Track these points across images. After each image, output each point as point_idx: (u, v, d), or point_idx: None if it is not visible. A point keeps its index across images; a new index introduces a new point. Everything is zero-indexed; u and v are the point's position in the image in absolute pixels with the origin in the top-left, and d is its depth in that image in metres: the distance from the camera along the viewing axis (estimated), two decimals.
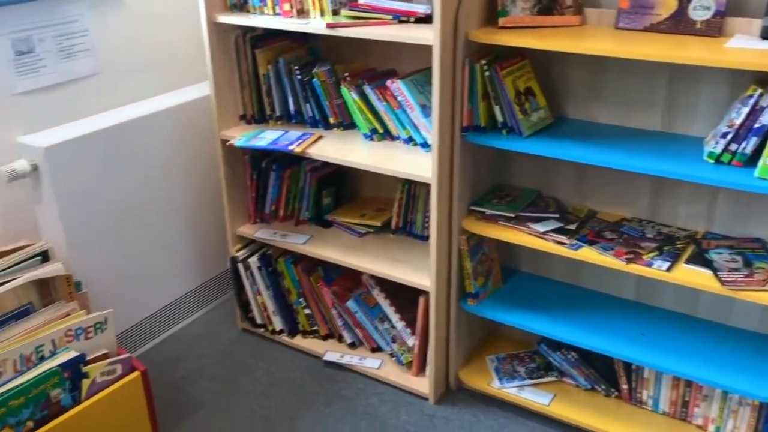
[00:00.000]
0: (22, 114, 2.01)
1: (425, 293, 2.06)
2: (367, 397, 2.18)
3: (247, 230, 2.35)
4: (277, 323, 2.40)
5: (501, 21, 1.79)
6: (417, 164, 1.93)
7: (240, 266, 2.35)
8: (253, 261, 2.32)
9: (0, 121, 1.96)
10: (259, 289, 2.36)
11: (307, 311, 2.36)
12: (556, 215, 1.93)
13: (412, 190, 2.20)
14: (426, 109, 1.95)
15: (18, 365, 1.75)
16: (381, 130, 2.11)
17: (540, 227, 1.87)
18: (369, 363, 2.27)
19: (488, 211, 1.97)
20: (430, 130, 1.91)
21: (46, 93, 2.06)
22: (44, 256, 1.94)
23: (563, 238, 1.82)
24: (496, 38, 1.73)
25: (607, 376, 2.07)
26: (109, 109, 2.24)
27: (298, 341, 2.40)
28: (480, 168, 2.02)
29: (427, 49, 2.12)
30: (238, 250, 2.36)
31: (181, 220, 2.44)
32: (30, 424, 1.73)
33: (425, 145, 2.01)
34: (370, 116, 2.09)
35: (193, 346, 2.42)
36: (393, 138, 2.11)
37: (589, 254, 1.79)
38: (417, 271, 2.06)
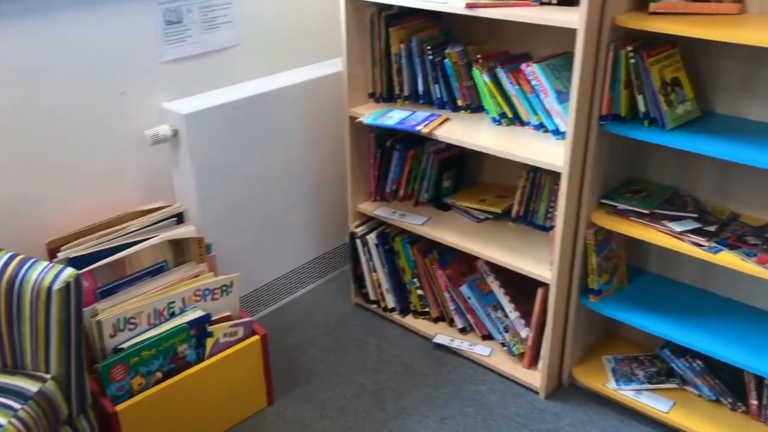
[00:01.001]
0: (167, 81, 2.11)
1: (544, 285, 2.01)
2: (475, 383, 2.16)
3: (367, 207, 2.37)
4: (390, 301, 2.42)
5: (652, 6, 1.69)
6: (547, 152, 1.87)
7: (358, 242, 2.38)
8: (371, 238, 2.34)
9: (148, 87, 2.07)
10: (375, 266, 2.38)
11: (419, 292, 2.37)
12: (695, 215, 1.82)
13: (538, 178, 2.14)
14: (561, 95, 1.89)
15: (151, 319, 1.86)
16: (510, 115, 2.06)
17: (677, 226, 1.77)
18: (479, 350, 2.24)
19: (620, 206, 1.88)
20: (565, 116, 1.85)
21: (190, 62, 2.15)
22: (179, 218, 2.04)
23: (701, 240, 1.72)
24: (647, 24, 1.64)
25: (735, 388, 1.94)
26: (246, 80, 2.32)
27: (409, 321, 2.41)
28: (614, 159, 1.93)
29: (564, 33, 2.05)
30: (357, 226, 2.39)
31: (305, 193, 2.50)
32: (158, 375, 1.84)
33: (557, 132, 1.94)
34: (500, 100, 2.04)
35: (308, 315, 2.48)
36: (522, 123, 2.06)
37: (729, 259, 1.67)
38: (537, 263, 2.01)
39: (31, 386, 1.46)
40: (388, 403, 2.09)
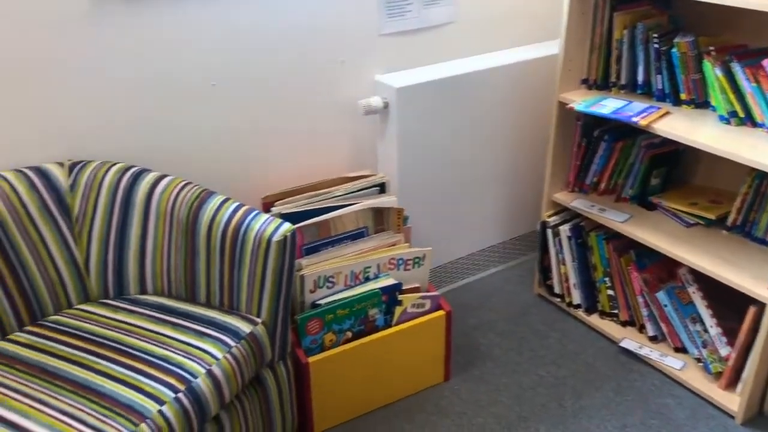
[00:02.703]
0: (383, 54, 2.17)
1: (758, 304, 1.83)
2: (662, 396, 2.04)
3: (564, 197, 2.30)
4: (576, 297, 2.34)
5: None
6: None
7: (549, 232, 2.32)
8: (564, 229, 2.27)
9: (365, 59, 2.14)
10: (564, 258, 2.31)
11: (610, 292, 2.26)
12: None
13: (764, 186, 1.95)
14: None
15: (348, 280, 1.94)
16: (742, 114, 1.88)
17: None
18: (670, 362, 2.11)
19: None
20: None
21: (406, 36, 2.19)
22: (381, 188, 2.10)
23: None
24: None
25: None
26: (458, 58, 2.33)
27: (594, 320, 2.31)
28: None
29: None
30: (550, 216, 2.33)
31: (500, 175, 2.47)
32: (348, 334, 1.92)
33: None
34: (731, 97, 1.87)
35: (488, 299, 2.47)
36: (755, 124, 1.88)
37: None
38: (753, 278, 1.84)
39: (245, 327, 1.58)
40: (566, 400, 2.03)
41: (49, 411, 1.35)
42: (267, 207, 2.01)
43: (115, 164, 1.73)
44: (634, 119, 1.93)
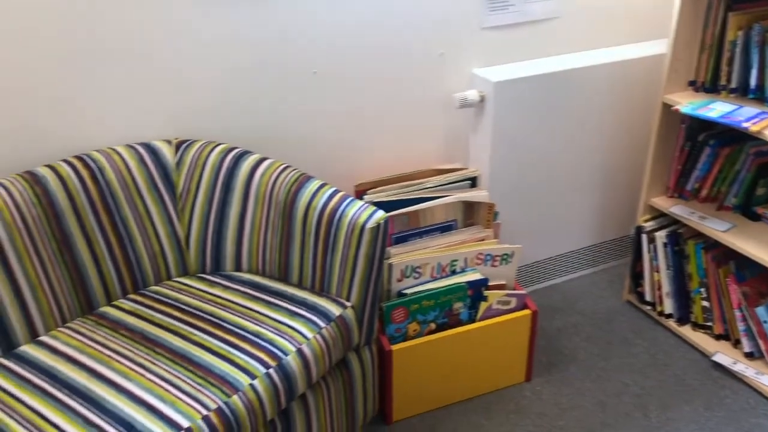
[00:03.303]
0: (482, 47, 2.16)
1: None
2: (756, 416, 1.94)
3: (662, 203, 2.22)
4: (668, 306, 2.26)
5: None
6: None
7: (644, 237, 2.25)
8: (660, 235, 2.19)
9: (464, 52, 2.13)
10: (659, 266, 2.23)
11: (705, 303, 2.17)
12: None
13: None
14: None
15: (434, 272, 1.94)
16: None
17: None
18: (767, 380, 2.01)
19: None
20: None
21: (507, 30, 2.17)
22: (473, 182, 2.09)
23: None
24: None
25: None
26: (559, 54, 2.28)
27: (686, 331, 2.23)
28: None
29: None
30: (646, 221, 2.26)
31: (594, 177, 2.41)
32: (432, 325, 1.93)
33: None
34: None
35: (574, 302, 2.42)
36: None
37: None
38: None
39: (334, 309, 1.61)
40: (651, 410, 1.97)
41: (149, 375, 1.42)
42: (359, 194, 2.04)
43: (219, 145, 1.79)
44: (744, 124, 1.84)
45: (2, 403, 1.37)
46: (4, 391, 1.40)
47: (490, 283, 1.99)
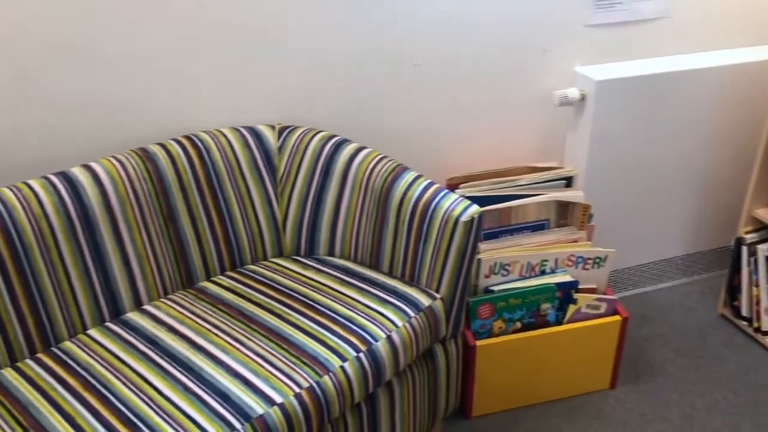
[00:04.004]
0: (585, 45, 2.11)
1: None
2: None
3: (766, 215, 2.12)
4: (766, 323, 2.16)
5: None
6: None
7: (744, 250, 2.15)
8: (762, 249, 2.09)
9: (567, 49, 2.10)
10: (758, 280, 2.14)
11: None
12: None
13: None
14: None
15: (523, 270, 1.93)
16: None
17: None
18: None
19: None
20: None
21: (612, 29, 2.11)
22: (568, 181, 2.06)
23: None
24: None
25: None
26: (667, 55, 2.21)
27: None
28: None
29: None
30: (747, 233, 2.16)
31: (695, 184, 2.32)
32: (518, 324, 1.91)
33: None
34: None
35: (665, 312, 2.35)
36: None
37: None
38: None
39: (424, 300, 1.62)
40: (743, 429, 1.89)
41: (245, 350, 1.47)
42: (451, 188, 2.04)
43: (319, 132, 1.83)
44: None
45: (110, 365, 1.45)
46: (112, 353, 1.49)
47: (580, 286, 1.96)
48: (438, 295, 1.65)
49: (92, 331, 1.57)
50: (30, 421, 1.32)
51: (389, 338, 1.52)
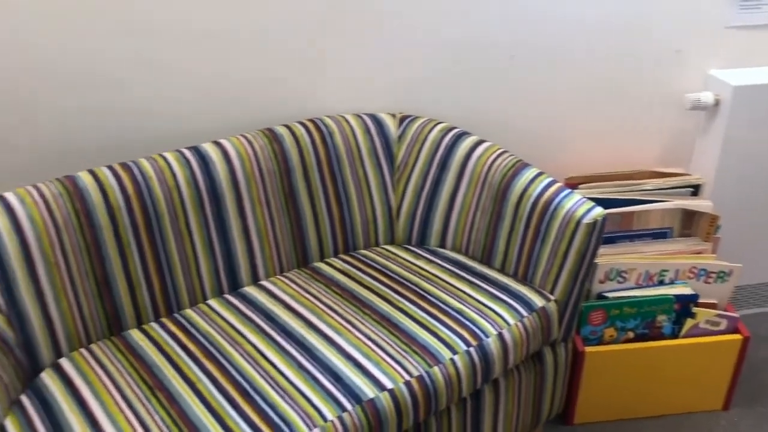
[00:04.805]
0: (723, 48, 2.00)
1: None
2: None
3: None
4: None
5: None
6: None
7: None
8: None
9: (702, 51, 1.99)
10: None
11: None
12: None
13: None
14: None
15: (641, 279, 1.85)
16: None
17: None
18: None
19: None
20: None
21: (756, 31, 1.99)
22: (695, 189, 1.96)
23: None
24: None
25: None
26: None
27: None
28: None
29: None
30: None
31: None
32: (630, 334, 1.84)
33: None
34: None
35: None
36: None
37: None
38: None
39: (537, 300, 1.59)
40: None
41: (357, 333, 1.49)
42: (570, 187, 1.98)
43: (439, 123, 1.83)
44: None
45: (228, 335, 1.51)
46: (231, 325, 1.54)
47: (699, 300, 1.87)
48: (552, 297, 1.61)
49: (212, 302, 1.64)
50: (154, 381, 1.39)
51: (500, 335, 1.50)
